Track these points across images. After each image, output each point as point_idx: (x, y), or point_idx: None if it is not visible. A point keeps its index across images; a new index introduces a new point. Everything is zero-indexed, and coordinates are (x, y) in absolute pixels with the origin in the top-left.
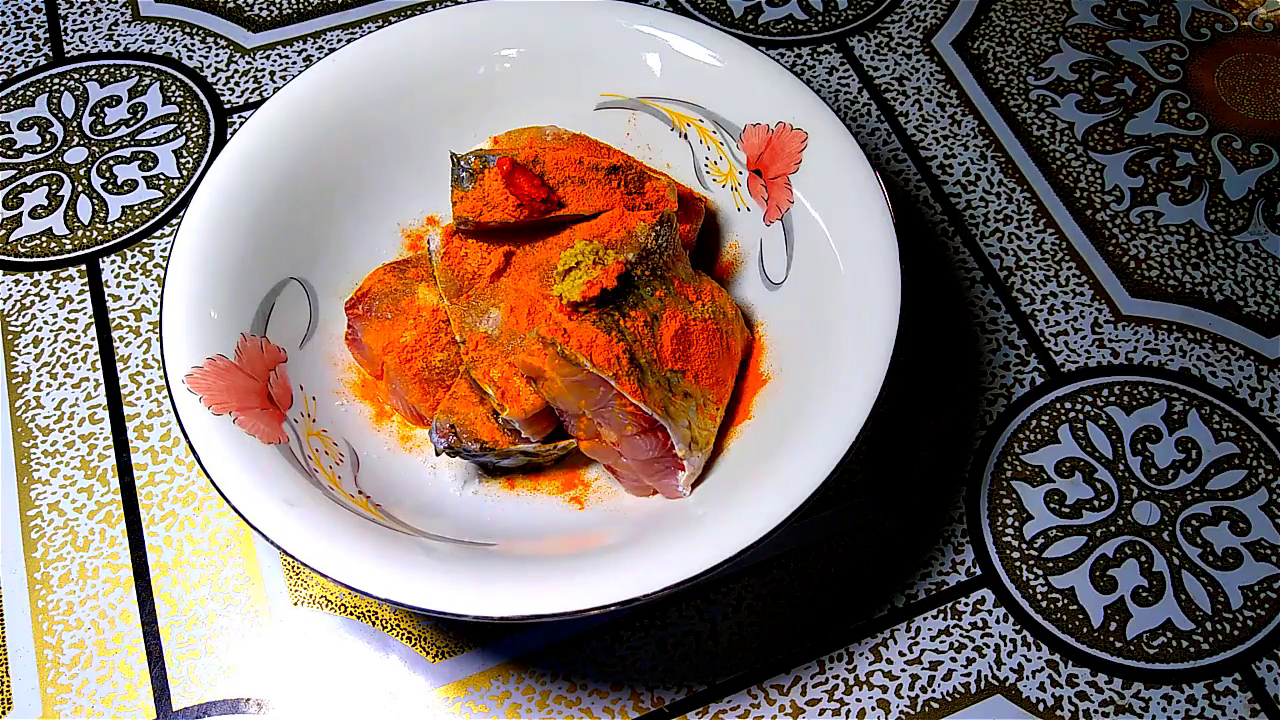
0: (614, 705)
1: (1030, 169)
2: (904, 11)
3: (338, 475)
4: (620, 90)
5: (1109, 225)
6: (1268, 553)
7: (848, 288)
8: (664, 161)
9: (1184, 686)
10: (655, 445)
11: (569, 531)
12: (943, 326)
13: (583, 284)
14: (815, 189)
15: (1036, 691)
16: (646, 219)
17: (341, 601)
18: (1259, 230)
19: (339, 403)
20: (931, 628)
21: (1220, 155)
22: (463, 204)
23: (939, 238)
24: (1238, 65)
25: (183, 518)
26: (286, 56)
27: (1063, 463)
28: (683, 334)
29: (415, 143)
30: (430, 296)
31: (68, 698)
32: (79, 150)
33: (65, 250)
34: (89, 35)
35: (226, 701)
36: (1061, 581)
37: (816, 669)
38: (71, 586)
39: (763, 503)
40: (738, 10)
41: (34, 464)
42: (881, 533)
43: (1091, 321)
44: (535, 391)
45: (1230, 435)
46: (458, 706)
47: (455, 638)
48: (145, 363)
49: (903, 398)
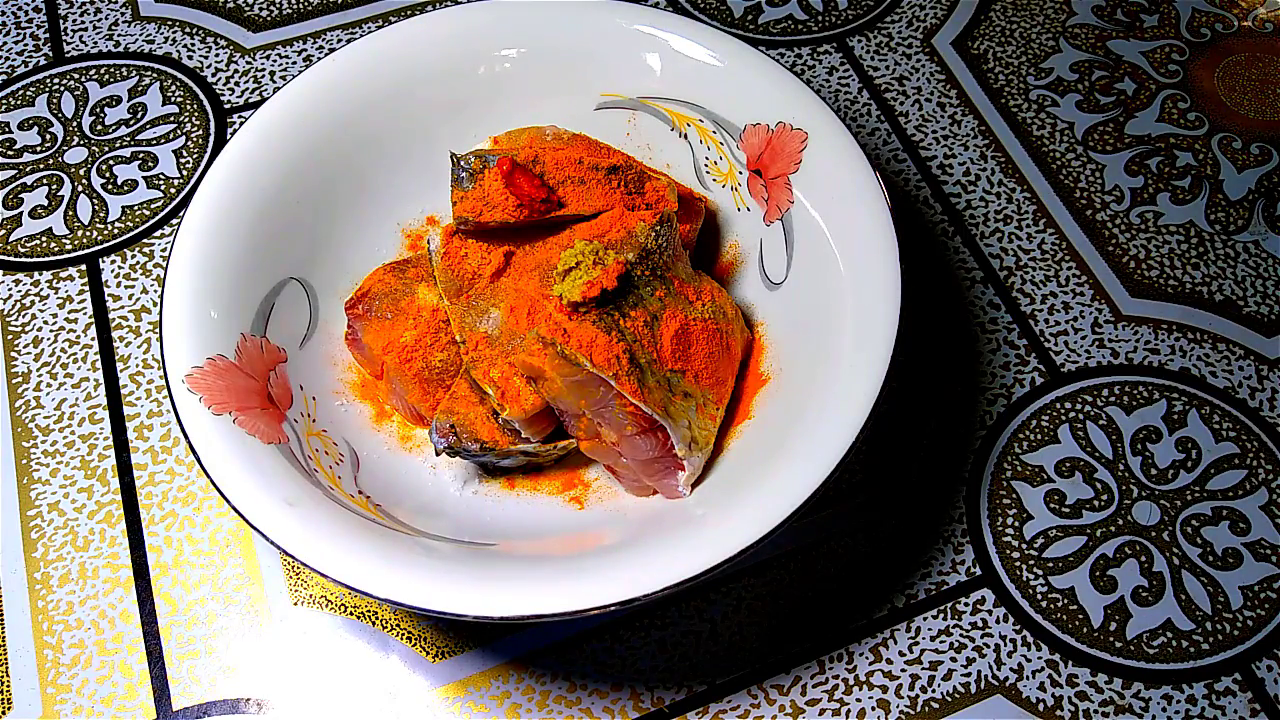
0: (614, 705)
1: (1030, 169)
2: (904, 11)
3: (338, 475)
4: (620, 90)
5: (1109, 225)
6: (1268, 553)
7: (848, 288)
8: (664, 161)
9: (1184, 686)
10: (655, 445)
11: (569, 531)
12: (943, 326)
13: (583, 284)
14: (815, 189)
15: (1036, 691)
16: (646, 219)
17: (341, 601)
18: (1259, 230)
19: (339, 403)
20: (931, 628)
21: (1220, 155)
22: (463, 204)
23: (939, 238)
24: (1238, 65)
25: (183, 518)
26: (286, 56)
27: (1063, 463)
28: (683, 334)
29: (415, 143)
30: (430, 296)
31: (68, 698)
32: (79, 150)
33: (65, 250)
34: (89, 35)
35: (226, 701)
36: (1061, 581)
37: (816, 669)
38: (71, 586)
39: (763, 503)
40: (738, 10)
41: (34, 464)
42: (881, 533)
43: (1091, 321)
44: (535, 391)
45: (1230, 435)
46: (458, 706)
47: (455, 638)
48: (145, 363)
49: (903, 398)
